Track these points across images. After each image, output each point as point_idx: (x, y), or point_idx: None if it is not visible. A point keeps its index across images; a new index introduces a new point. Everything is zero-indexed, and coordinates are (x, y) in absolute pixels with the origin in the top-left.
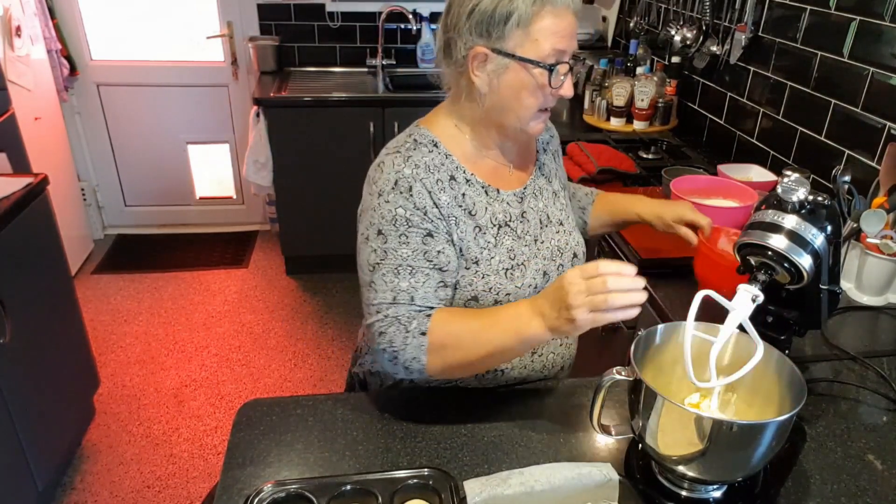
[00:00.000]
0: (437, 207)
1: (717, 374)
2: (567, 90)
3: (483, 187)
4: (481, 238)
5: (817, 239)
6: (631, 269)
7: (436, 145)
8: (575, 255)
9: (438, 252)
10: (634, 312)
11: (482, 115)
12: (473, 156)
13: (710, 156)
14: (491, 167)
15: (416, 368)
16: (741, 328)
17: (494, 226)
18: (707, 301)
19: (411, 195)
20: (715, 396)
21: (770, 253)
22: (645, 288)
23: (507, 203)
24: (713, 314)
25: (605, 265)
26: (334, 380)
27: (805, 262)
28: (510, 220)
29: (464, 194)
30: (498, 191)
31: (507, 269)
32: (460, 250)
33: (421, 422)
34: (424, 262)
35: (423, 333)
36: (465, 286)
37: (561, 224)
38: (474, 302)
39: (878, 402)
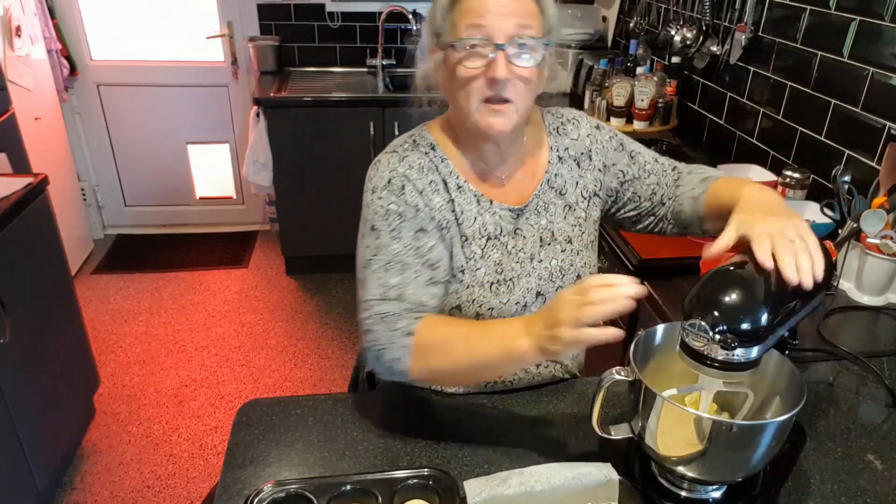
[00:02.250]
0: (428, 207)
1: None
2: (496, 71)
3: (475, 196)
4: (467, 248)
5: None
6: (623, 279)
7: (433, 148)
8: (579, 277)
9: (430, 248)
10: (614, 309)
11: (450, 115)
12: (468, 162)
13: (710, 156)
14: (484, 176)
15: (398, 370)
16: None
17: (482, 237)
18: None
19: (403, 193)
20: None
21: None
22: (643, 283)
23: (500, 216)
24: None
25: (593, 277)
26: (334, 380)
27: (751, 363)
28: (500, 234)
29: (453, 200)
30: (491, 202)
31: (492, 283)
32: (449, 255)
33: (421, 422)
34: (415, 258)
35: (409, 334)
36: (450, 294)
37: (569, 242)
38: (457, 311)
39: (877, 402)
